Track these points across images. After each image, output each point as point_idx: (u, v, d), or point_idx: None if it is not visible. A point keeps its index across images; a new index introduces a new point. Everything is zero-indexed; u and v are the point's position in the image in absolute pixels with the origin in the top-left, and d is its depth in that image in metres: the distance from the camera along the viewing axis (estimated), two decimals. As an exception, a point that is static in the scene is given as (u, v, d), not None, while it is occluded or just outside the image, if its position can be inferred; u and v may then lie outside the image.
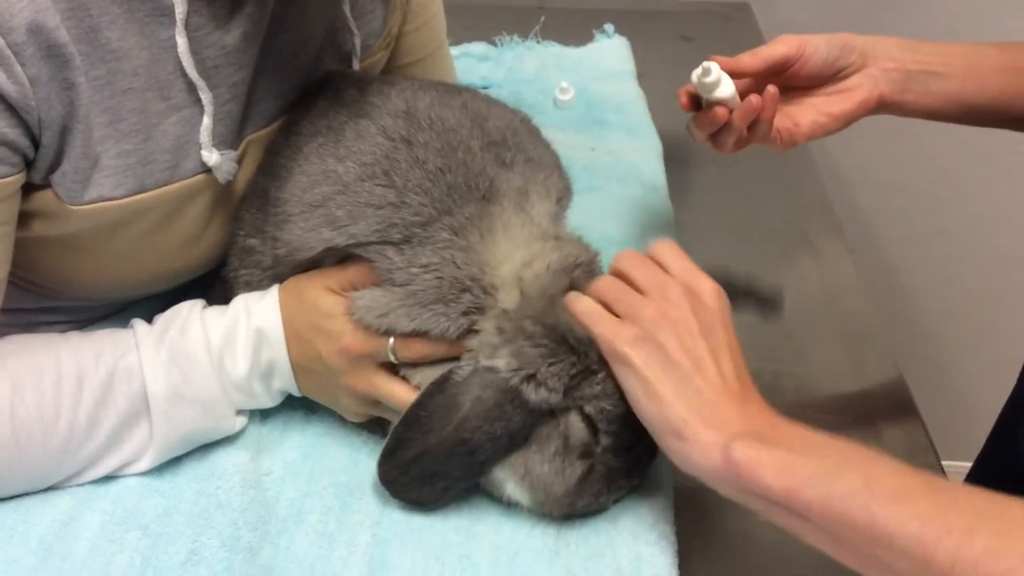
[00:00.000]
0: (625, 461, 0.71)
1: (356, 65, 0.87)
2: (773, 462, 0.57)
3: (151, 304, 0.83)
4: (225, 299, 0.78)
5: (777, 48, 0.83)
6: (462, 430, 0.68)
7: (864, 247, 1.68)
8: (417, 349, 0.71)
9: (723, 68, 0.80)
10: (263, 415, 0.80)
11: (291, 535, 0.71)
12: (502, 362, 0.68)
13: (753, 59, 0.82)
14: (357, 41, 0.86)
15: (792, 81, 0.84)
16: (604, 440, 0.70)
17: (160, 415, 0.73)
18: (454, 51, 1.34)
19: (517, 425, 0.68)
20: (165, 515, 0.72)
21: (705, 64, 0.80)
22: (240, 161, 0.79)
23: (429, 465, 0.70)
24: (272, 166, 0.79)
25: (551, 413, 0.69)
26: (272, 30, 0.77)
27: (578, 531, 0.72)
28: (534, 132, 0.82)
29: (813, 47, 0.82)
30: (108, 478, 0.74)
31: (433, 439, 0.69)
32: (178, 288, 0.84)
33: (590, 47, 1.37)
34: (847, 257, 1.05)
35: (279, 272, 0.78)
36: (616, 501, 0.74)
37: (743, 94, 0.81)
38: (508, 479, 0.71)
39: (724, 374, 0.64)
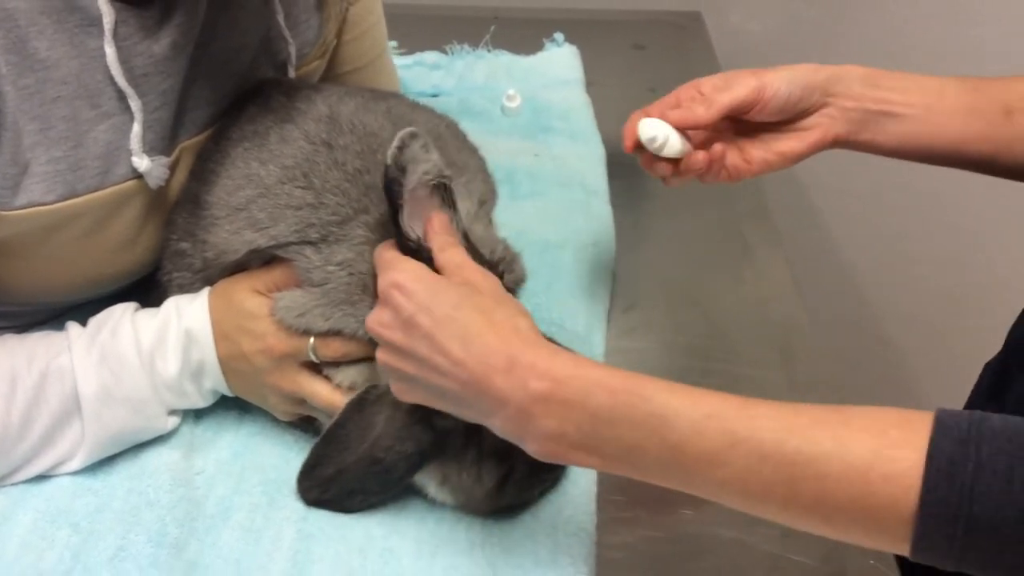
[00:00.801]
0: None
1: (291, 73, 0.89)
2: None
3: (90, 309, 0.84)
4: (161, 302, 0.80)
5: (737, 93, 0.79)
6: (376, 449, 0.70)
7: (815, 250, 1.70)
8: (335, 349, 0.73)
9: (676, 124, 0.78)
10: (197, 415, 0.82)
11: (218, 531, 0.73)
12: None
13: (708, 111, 0.78)
14: (292, 50, 0.88)
15: (751, 119, 0.82)
16: None
17: (91, 415, 0.74)
18: (407, 60, 1.37)
19: (427, 444, 0.70)
20: (96, 512, 0.74)
21: (649, 125, 0.78)
22: (174, 167, 0.81)
23: (347, 482, 0.72)
24: (202, 171, 0.81)
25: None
26: (203, 39, 0.79)
27: (501, 524, 0.74)
28: (459, 137, 0.84)
29: (773, 90, 0.79)
30: (41, 477, 0.76)
31: (350, 457, 0.71)
32: (119, 292, 0.86)
33: (540, 55, 1.39)
34: (783, 263, 1.07)
35: (209, 275, 0.79)
36: (544, 493, 0.76)
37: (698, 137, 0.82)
38: (428, 484, 0.73)
39: (457, 359, 0.62)
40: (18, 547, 0.71)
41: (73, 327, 0.77)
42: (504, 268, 0.77)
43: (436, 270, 0.67)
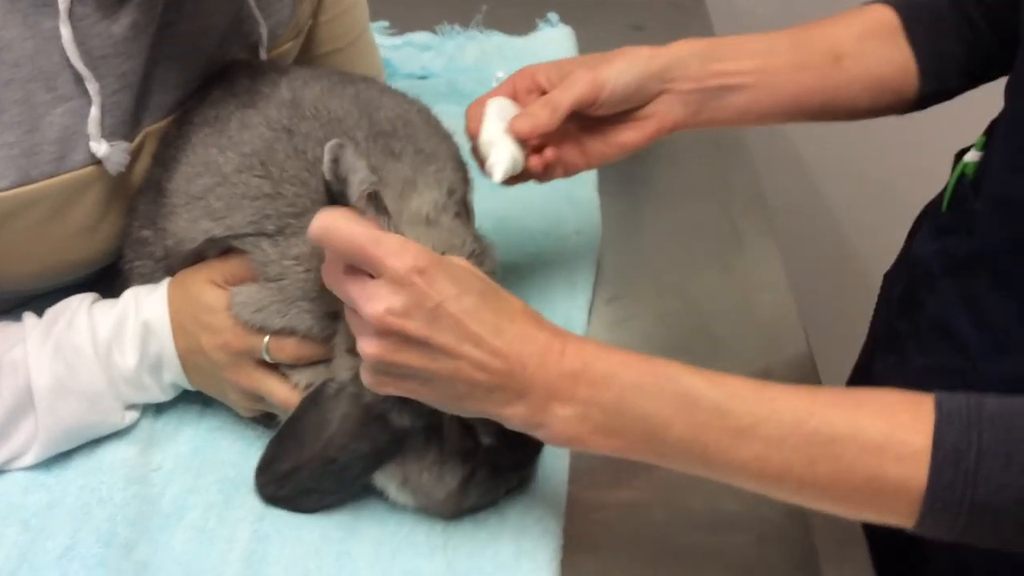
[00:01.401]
0: (512, 456, 0.71)
1: (263, 54, 0.86)
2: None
3: (53, 299, 0.82)
4: (122, 291, 0.78)
5: (576, 91, 0.76)
6: (330, 448, 0.68)
7: (812, 241, 1.66)
8: (289, 350, 0.71)
9: (520, 135, 0.75)
10: (157, 409, 0.80)
11: (171, 531, 0.71)
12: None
13: (552, 117, 0.75)
14: (263, 31, 0.85)
15: (588, 114, 0.80)
16: (485, 440, 0.69)
17: (45, 409, 0.72)
18: (396, 41, 1.34)
19: (384, 443, 0.67)
20: (47, 509, 0.72)
21: (486, 142, 0.75)
22: (137, 153, 0.78)
23: (303, 480, 0.70)
24: (164, 157, 0.78)
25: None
26: (168, 19, 0.76)
27: (463, 526, 0.72)
28: (430, 123, 0.80)
29: (610, 87, 0.77)
30: (-7, 473, 0.74)
31: (306, 455, 0.69)
32: (83, 282, 0.83)
33: (532, 36, 1.35)
34: (776, 255, 1.03)
35: (170, 264, 0.77)
36: (509, 492, 0.73)
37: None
38: (389, 485, 0.71)
39: (493, 348, 0.60)
40: (-36, 545, 0.69)
41: (29, 318, 0.75)
42: (474, 261, 0.74)
43: None
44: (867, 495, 0.57)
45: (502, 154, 0.74)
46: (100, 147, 0.73)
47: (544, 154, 0.79)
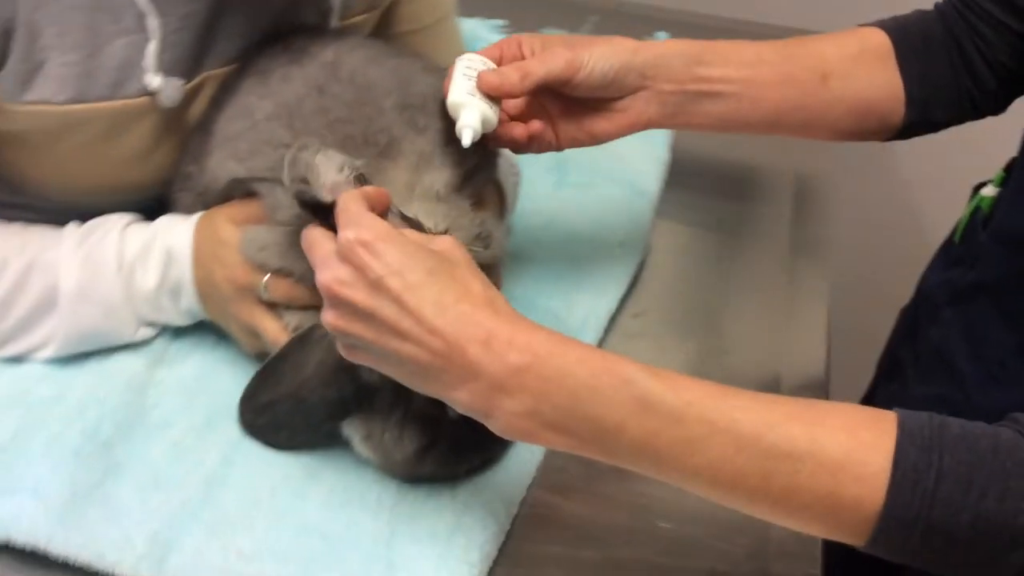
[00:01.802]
0: (474, 436, 0.72)
1: (333, 22, 0.90)
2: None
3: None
4: None
5: (550, 67, 0.75)
6: (303, 388, 0.71)
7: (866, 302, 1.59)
8: (284, 290, 0.74)
9: (487, 90, 0.74)
10: (176, 333, 0.85)
11: (151, 441, 0.75)
12: None
13: (521, 83, 0.75)
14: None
15: (563, 93, 0.79)
16: (452, 414, 0.70)
17: (66, 310, 0.78)
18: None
19: (350, 394, 0.70)
20: (51, 400, 0.77)
21: (454, 103, 0.73)
22: (195, 94, 0.83)
23: (275, 415, 0.73)
24: (217, 100, 0.83)
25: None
26: None
27: (416, 492, 0.73)
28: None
29: (587, 70, 0.76)
30: (15, 359, 0.80)
31: (281, 391, 0.72)
32: (140, 207, 0.90)
33: (640, 53, 1.36)
34: (823, 308, 1.00)
35: (206, 200, 0.82)
36: (471, 472, 0.75)
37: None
38: (353, 436, 0.73)
39: (431, 326, 0.59)
40: (-30, 417, 0.75)
41: (71, 226, 0.81)
42: (480, 243, 0.76)
43: None
44: (821, 511, 0.57)
45: (471, 116, 0.73)
46: (154, 80, 0.78)
47: (531, 124, 0.78)
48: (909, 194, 1.61)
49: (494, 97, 0.75)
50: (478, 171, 0.79)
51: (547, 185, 1.08)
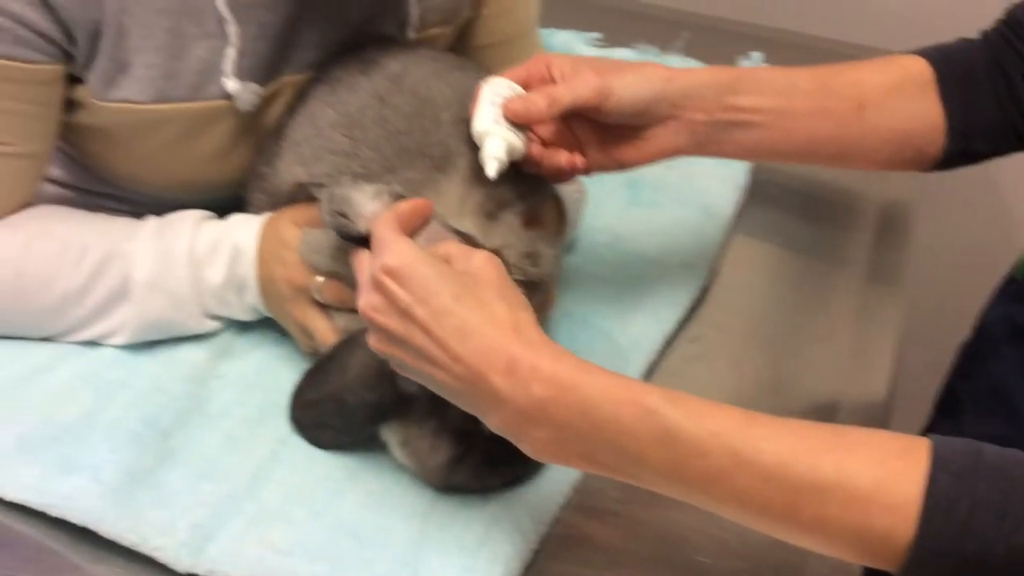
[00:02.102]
0: (507, 451, 0.73)
1: (410, 34, 0.92)
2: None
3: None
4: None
5: (579, 94, 0.74)
6: (345, 391, 0.73)
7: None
8: (335, 292, 0.77)
9: (513, 118, 0.73)
10: (242, 327, 0.88)
11: (206, 431, 0.79)
12: None
13: (549, 109, 0.74)
14: (414, 11, 0.91)
15: (595, 120, 0.78)
16: (485, 428, 0.71)
17: (137, 300, 0.82)
18: (597, 53, 1.38)
19: (388, 400, 0.72)
20: (119, 385, 0.82)
21: (479, 132, 0.73)
22: (272, 99, 0.87)
23: (319, 414, 0.76)
24: (292, 105, 0.86)
25: None
26: None
27: (449, 501, 0.75)
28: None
29: (616, 99, 0.75)
30: (91, 343, 0.85)
31: (325, 390, 0.74)
32: (219, 202, 0.94)
33: (730, 72, 1.35)
34: (894, 332, 0.98)
35: (277, 201, 0.85)
36: (505, 486, 0.76)
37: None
38: (391, 440, 0.75)
39: (455, 354, 0.61)
40: (45, 395, 0.80)
41: (150, 220, 0.86)
42: (528, 262, 0.77)
43: None
44: (852, 540, 0.56)
45: (496, 146, 0.72)
46: (232, 84, 0.82)
47: (574, 156, 0.78)
48: (1000, 225, 1.55)
49: (521, 124, 0.75)
50: (531, 190, 0.80)
51: (618, 202, 1.09)
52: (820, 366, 0.94)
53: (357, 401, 0.73)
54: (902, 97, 0.80)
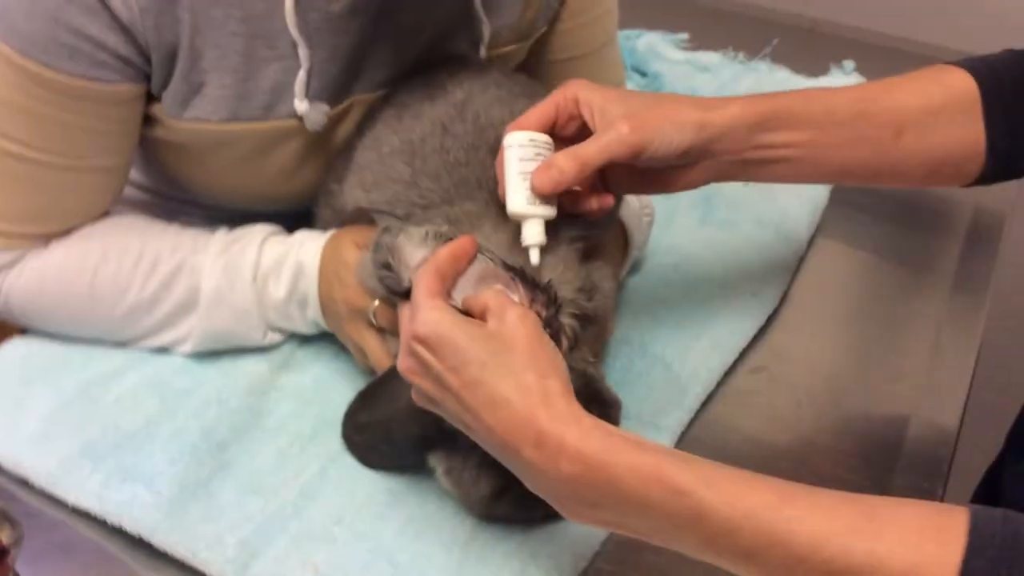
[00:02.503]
0: None
1: (482, 52, 0.92)
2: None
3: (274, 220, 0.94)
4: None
5: (611, 152, 0.71)
6: (392, 420, 0.75)
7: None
8: (388, 318, 0.77)
9: (545, 194, 0.70)
10: (303, 341, 0.90)
11: (261, 445, 0.81)
12: None
13: (580, 174, 0.71)
14: (486, 30, 0.91)
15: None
16: None
17: (204, 311, 0.85)
18: (680, 56, 1.35)
19: (433, 433, 0.72)
20: (183, 393, 0.85)
21: (512, 213, 0.71)
22: (342, 117, 0.88)
23: (369, 437, 0.77)
24: (361, 125, 0.87)
25: None
26: (390, 7, 0.85)
27: (490, 532, 0.75)
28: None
29: (649, 154, 0.72)
30: (162, 350, 0.88)
31: (376, 416, 0.76)
32: (290, 214, 0.96)
33: (821, 80, 1.30)
34: (967, 367, 0.95)
35: (342, 219, 0.87)
36: (549, 519, 0.76)
37: None
38: (437, 468, 0.76)
39: (486, 425, 0.61)
40: (112, 401, 0.84)
41: (220, 232, 0.88)
42: (582, 296, 0.76)
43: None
44: None
45: (534, 233, 0.71)
46: (302, 105, 0.83)
47: (604, 198, 0.76)
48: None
49: None
50: (592, 222, 0.79)
51: (690, 221, 1.07)
52: (892, 381, 0.93)
53: (403, 431, 0.74)
54: (943, 120, 0.77)
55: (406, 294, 0.67)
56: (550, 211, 0.72)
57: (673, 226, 1.06)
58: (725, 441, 0.86)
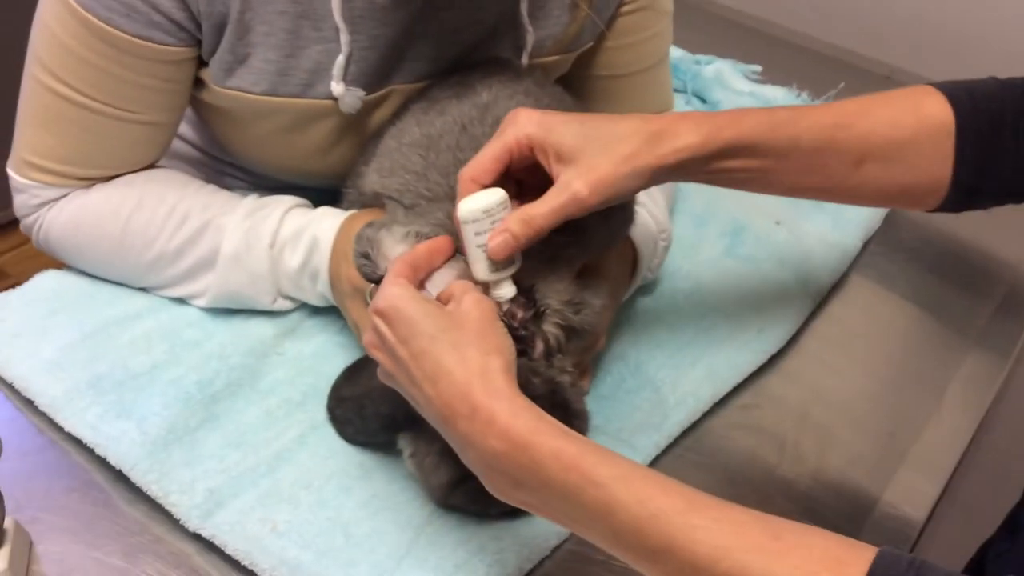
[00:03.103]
0: None
1: (524, 60, 0.94)
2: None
3: (302, 192, 0.98)
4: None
5: (565, 211, 0.70)
6: (366, 397, 0.78)
7: None
8: None
9: (495, 259, 0.71)
10: (313, 311, 0.94)
11: (250, 404, 0.85)
12: None
13: (532, 235, 0.70)
14: (530, 38, 0.93)
15: None
16: None
17: (220, 270, 0.89)
18: (745, 87, 1.35)
19: (401, 416, 0.75)
20: (192, 344, 0.90)
21: (480, 281, 0.72)
22: (379, 104, 0.91)
23: (347, 410, 0.81)
24: (396, 113, 0.91)
25: None
26: (437, 4, 0.88)
27: (446, 520, 0.78)
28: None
29: (595, 202, 0.70)
30: (180, 301, 0.93)
31: (355, 391, 0.79)
32: (326, 188, 1.00)
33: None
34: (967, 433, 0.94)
35: (364, 201, 0.90)
36: (503, 516, 0.78)
37: None
38: (404, 450, 0.79)
39: (427, 395, 0.64)
40: (126, 341, 0.89)
41: (250, 197, 0.93)
42: (571, 310, 0.78)
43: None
44: None
45: (505, 291, 0.73)
46: (338, 88, 0.87)
47: None
48: None
49: None
50: (593, 240, 0.81)
51: (714, 252, 1.08)
52: (877, 447, 0.91)
53: (374, 409, 0.78)
54: (910, 152, 0.76)
55: (379, 282, 0.70)
56: (513, 267, 0.73)
57: (697, 254, 1.07)
58: (696, 470, 0.86)
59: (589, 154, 0.70)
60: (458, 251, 0.72)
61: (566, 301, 0.78)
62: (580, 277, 0.81)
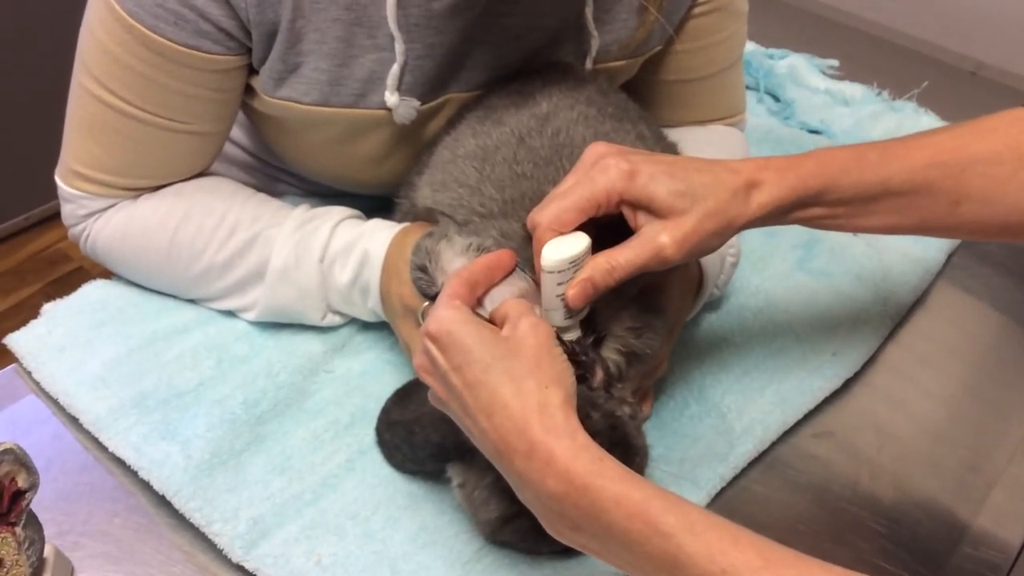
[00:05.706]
0: None
1: (589, 64, 0.90)
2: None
3: (354, 200, 0.96)
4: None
5: (643, 262, 0.67)
6: (416, 423, 0.74)
7: None
8: None
9: (580, 305, 0.68)
10: (364, 327, 0.91)
11: (297, 426, 0.82)
12: None
13: (608, 283, 0.67)
14: (595, 43, 0.88)
15: None
16: None
17: (269, 284, 0.87)
18: (822, 84, 1.29)
19: (451, 445, 0.72)
20: (239, 360, 0.87)
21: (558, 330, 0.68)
22: (435, 113, 0.87)
23: (396, 435, 0.77)
24: (450, 122, 0.87)
25: None
26: (499, 10, 0.83)
27: (495, 556, 0.75)
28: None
29: (684, 255, 0.67)
30: (229, 314, 0.91)
31: (405, 416, 0.76)
32: (378, 197, 0.96)
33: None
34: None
35: (416, 213, 0.87)
36: (554, 554, 0.75)
37: None
38: (454, 480, 0.75)
39: (482, 428, 0.61)
40: (173, 357, 0.87)
41: (300, 208, 0.90)
42: (632, 335, 0.74)
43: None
44: None
45: (572, 335, 0.70)
46: (391, 98, 0.83)
47: None
48: None
49: None
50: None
51: (786, 265, 1.02)
52: (960, 483, 0.85)
53: (424, 436, 0.74)
54: (1010, 189, 0.70)
55: (435, 298, 0.66)
56: (586, 311, 0.70)
57: (767, 268, 1.01)
58: (764, 505, 0.82)
59: (677, 210, 0.67)
60: (518, 266, 0.68)
61: (628, 327, 0.74)
62: (640, 297, 0.76)
